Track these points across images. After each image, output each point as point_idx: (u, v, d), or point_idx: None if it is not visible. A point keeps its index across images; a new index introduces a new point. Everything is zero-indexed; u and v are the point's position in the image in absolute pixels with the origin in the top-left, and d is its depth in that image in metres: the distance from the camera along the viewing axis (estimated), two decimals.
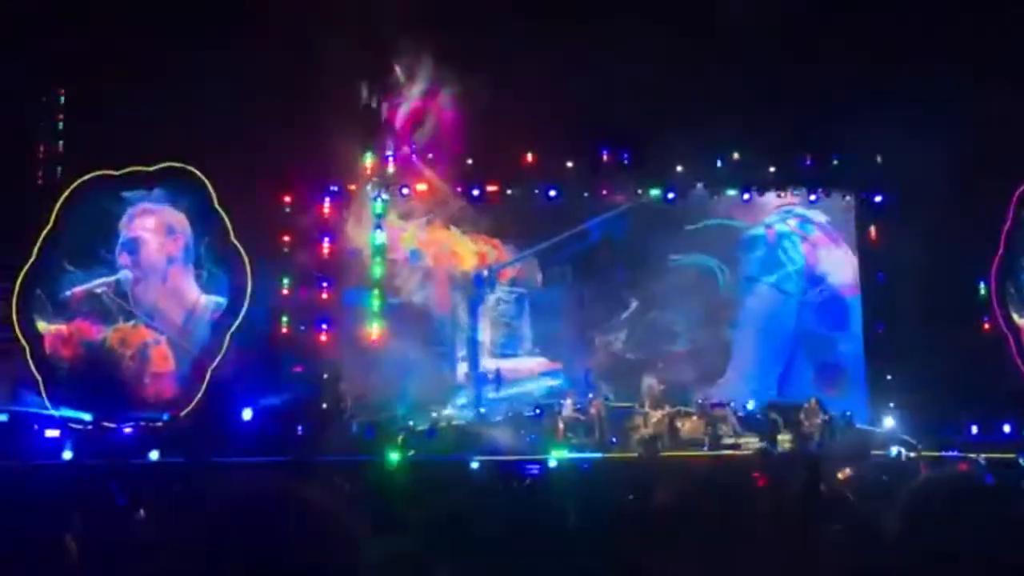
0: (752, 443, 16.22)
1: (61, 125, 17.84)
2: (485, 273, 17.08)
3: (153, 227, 18.00)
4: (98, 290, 17.80)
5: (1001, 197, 18.07)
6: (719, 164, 18.41)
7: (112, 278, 17.84)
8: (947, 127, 15.41)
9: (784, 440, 16.06)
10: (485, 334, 17.58)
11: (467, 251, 18.00)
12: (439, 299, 18.47)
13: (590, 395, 17.35)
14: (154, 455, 14.54)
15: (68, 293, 17.69)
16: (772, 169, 18.64)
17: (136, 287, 17.88)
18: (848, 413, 17.10)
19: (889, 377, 17.74)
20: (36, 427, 16.31)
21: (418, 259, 18.52)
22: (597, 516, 3.69)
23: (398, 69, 17.36)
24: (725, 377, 15.31)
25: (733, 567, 2.51)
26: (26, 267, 17.42)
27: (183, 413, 17.13)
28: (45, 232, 17.54)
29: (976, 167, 15.70)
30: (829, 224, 15.03)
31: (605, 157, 18.38)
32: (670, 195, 18.77)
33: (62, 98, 17.79)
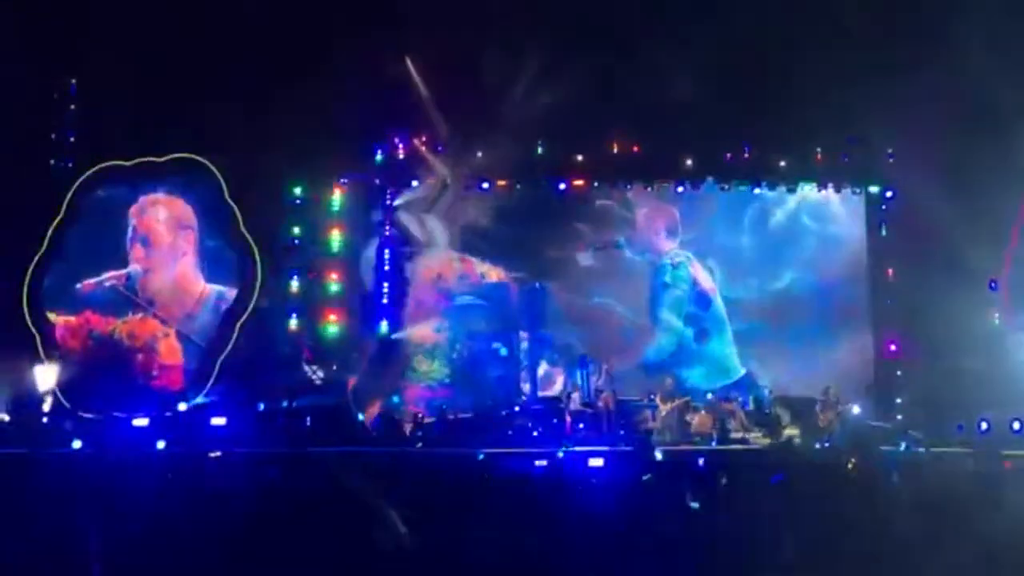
0: (759, 438, 16.32)
1: (73, 116, 17.86)
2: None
3: (165, 220, 18.04)
4: (108, 282, 17.85)
5: (1013, 192, 17.96)
6: (729, 158, 18.46)
7: (123, 271, 17.88)
8: (959, 122, 15.38)
9: (792, 434, 16.08)
10: None
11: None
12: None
13: (599, 388, 17.35)
14: (160, 445, 14.49)
15: (78, 285, 17.74)
16: (782, 164, 18.66)
17: (147, 280, 17.92)
18: (856, 407, 17.08)
19: (899, 373, 17.74)
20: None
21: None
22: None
23: (409, 61, 17.36)
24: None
25: None
26: (36, 257, 17.44)
27: (192, 404, 17.14)
28: (56, 223, 17.57)
29: (988, 161, 15.63)
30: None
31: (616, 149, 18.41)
32: (679, 188, 18.85)
33: (74, 88, 17.81)
